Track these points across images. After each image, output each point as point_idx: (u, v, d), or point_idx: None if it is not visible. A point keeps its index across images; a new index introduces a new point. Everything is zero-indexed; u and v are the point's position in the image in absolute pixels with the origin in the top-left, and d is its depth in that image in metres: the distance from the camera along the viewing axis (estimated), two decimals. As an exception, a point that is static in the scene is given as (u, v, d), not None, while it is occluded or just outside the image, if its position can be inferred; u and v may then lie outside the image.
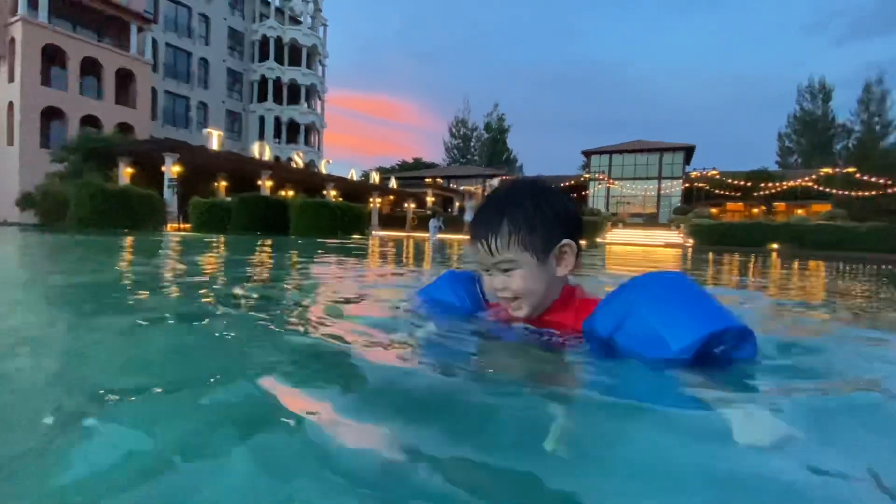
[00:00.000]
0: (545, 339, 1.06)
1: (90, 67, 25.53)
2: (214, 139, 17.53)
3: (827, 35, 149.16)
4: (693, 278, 0.99)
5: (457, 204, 36.86)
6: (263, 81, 36.95)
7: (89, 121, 25.09)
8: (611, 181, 36.23)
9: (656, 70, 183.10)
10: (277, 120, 37.29)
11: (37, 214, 16.66)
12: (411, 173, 42.23)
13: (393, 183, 29.17)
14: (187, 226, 14.71)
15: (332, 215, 10.68)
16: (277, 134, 37.82)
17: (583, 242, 1.14)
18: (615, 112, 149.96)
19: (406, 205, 30.71)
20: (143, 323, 1.22)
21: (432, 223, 15.97)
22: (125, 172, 17.54)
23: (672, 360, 0.84)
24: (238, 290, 1.89)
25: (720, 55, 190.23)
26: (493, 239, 1.06)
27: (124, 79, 27.03)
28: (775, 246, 20.59)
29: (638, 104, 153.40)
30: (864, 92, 42.39)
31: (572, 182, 37.81)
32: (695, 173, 34.89)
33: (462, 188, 38.79)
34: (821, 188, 29.00)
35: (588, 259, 5.99)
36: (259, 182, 19.71)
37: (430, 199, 32.04)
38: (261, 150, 19.59)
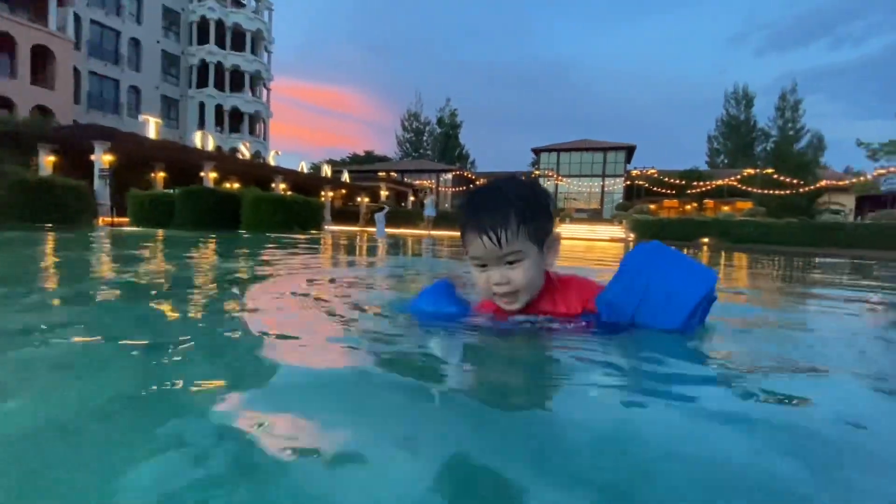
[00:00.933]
0: (547, 325, 1.10)
1: (2, 43, 22.91)
2: (151, 126, 16.36)
3: (749, 46, 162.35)
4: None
5: (411, 199, 36.76)
6: (203, 66, 34.80)
7: (0, 102, 22.56)
8: (559, 178, 37.58)
9: (599, 71, 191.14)
10: (219, 108, 35.30)
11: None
12: (364, 167, 41.57)
13: (345, 176, 28.56)
14: (123, 220, 13.68)
15: (287, 210, 10.32)
16: (219, 123, 35.83)
17: None
18: (562, 111, 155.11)
19: (359, 199, 30.21)
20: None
21: (378, 217, 15.91)
22: (46, 161, 15.98)
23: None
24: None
25: (657, 60, 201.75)
26: (502, 231, 1.05)
27: (42, 57, 24.47)
28: (706, 240, 22.32)
29: (583, 104, 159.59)
30: (780, 100, 46.78)
31: (522, 178, 38.79)
32: (635, 171, 36.95)
33: (416, 182, 38.71)
34: (744, 187, 31.70)
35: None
36: (202, 174, 18.64)
37: (384, 194, 31.71)
38: (203, 140, 18.51)
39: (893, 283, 3.83)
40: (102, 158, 14.94)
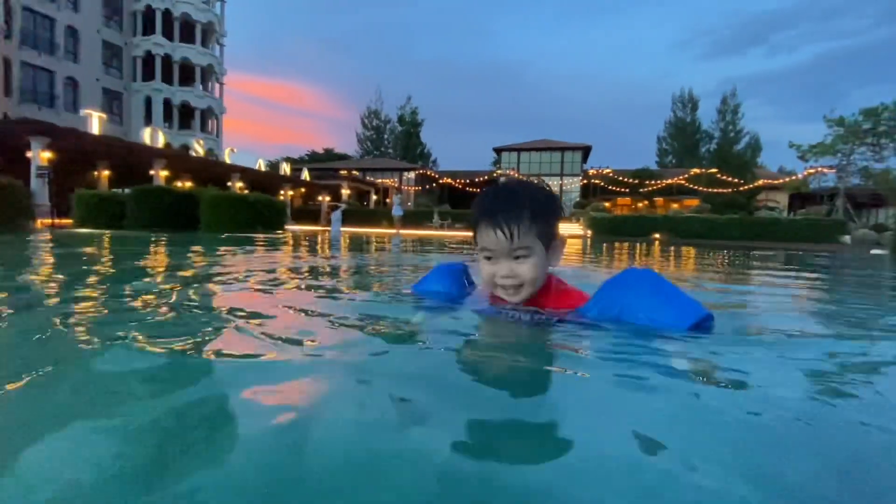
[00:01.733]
0: (535, 317, 1.20)
1: (-87, 27, 20.80)
2: (95, 122, 15.39)
3: (693, 52, 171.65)
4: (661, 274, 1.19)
5: (373, 197, 36.43)
6: (149, 58, 32.96)
7: (-85, 93, 20.50)
8: (520, 177, 38.39)
9: (556, 73, 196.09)
10: (168, 102, 33.57)
11: None
12: (325, 164, 40.74)
13: (305, 175, 27.93)
14: (65, 221, 12.82)
15: (250, 209, 10.00)
16: (168, 118, 34.09)
17: None
18: (522, 111, 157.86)
19: (320, 197, 29.64)
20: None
21: (335, 216, 15.75)
22: (-26, 158, 14.72)
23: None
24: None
25: (610, 63, 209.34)
26: (515, 226, 1.14)
27: (-36, 44, 22.43)
28: (657, 236, 23.55)
29: (541, 104, 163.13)
30: (722, 103, 49.90)
31: (486, 177, 39.36)
32: (592, 171, 38.31)
33: (378, 181, 38.39)
34: (691, 186, 33.62)
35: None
36: (152, 172, 17.71)
37: (345, 192, 31.25)
38: (153, 136, 17.59)
39: (821, 270, 4.31)
40: (40, 156, 13.92)
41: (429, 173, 42.91)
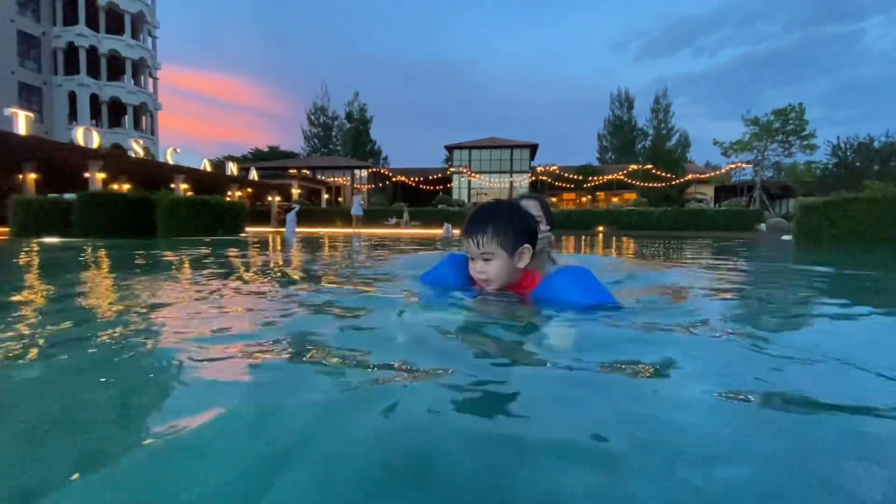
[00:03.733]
0: (506, 299, 1.58)
1: None
2: (21, 121, 14.25)
3: (629, 53, 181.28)
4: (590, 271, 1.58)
5: (325, 196, 35.86)
6: (72, 50, 30.45)
7: None
8: (472, 174, 39.22)
9: (502, 72, 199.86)
10: (95, 98, 31.20)
11: None
12: (272, 163, 39.49)
13: (253, 174, 27.10)
14: (1, 230, 11.87)
15: (210, 212, 9.79)
16: (96, 115, 31.70)
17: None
18: (471, 108, 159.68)
19: (270, 198, 28.85)
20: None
21: (290, 217, 15.60)
22: None
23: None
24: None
25: (553, 62, 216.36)
26: (480, 238, 1.55)
27: None
28: (601, 228, 25.15)
29: (489, 102, 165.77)
30: (655, 102, 53.53)
31: (439, 175, 39.84)
32: (539, 168, 39.88)
33: (329, 180, 37.80)
34: (629, 180, 35.96)
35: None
36: (87, 175, 16.60)
37: (295, 192, 30.59)
38: (86, 136, 16.48)
39: (741, 255, 5.15)
40: (-41, 159, 12.73)
41: (382, 171, 42.77)
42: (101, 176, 17.30)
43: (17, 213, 9.76)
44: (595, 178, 37.11)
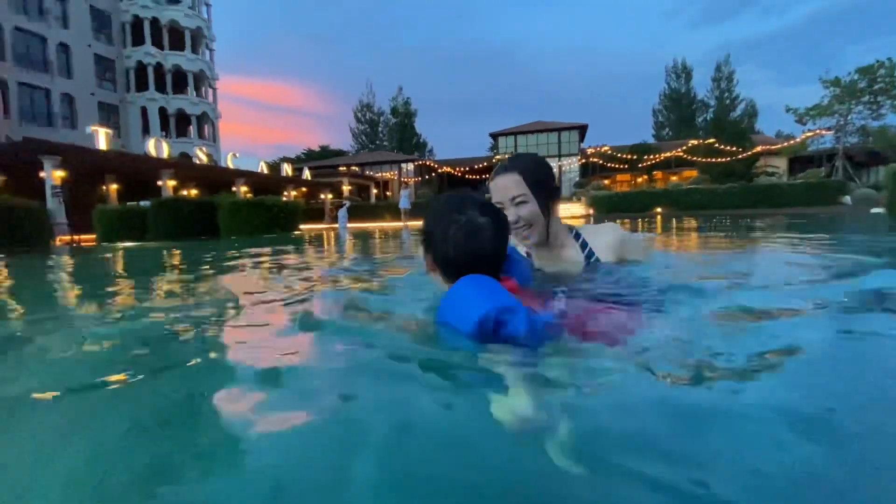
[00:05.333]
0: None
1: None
2: (102, 137, 15.67)
3: (683, 20, 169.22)
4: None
5: (374, 191, 36.68)
6: (142, 68, 33.02)
7: (-82, 121, 20.74)
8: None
9: (545, 51, 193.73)
10: (163, 111, 33.71)
11: None
12: (323, 162, 40.94)
13: (307, 174, 28.21)
14: (85, 237, 13.19)
15: (267, 213, 10.37)
16: (165, 127, 34.24)
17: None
18: (514, 93, 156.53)
19: (322, 196, 29.94)
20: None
21: (341, 213, 16.02)
22: (-11, 182, 15.07)
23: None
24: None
25: (600, 37, 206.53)
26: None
27: (-40, 69, 22.60)
28: (659, 209, 23.83)
29: (534, 85, 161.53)
30: (716, 71, 49.60)
31: (485, 164, 39.50)
32: (590, 150, 38.40)
33: (377, 175, 38.60)
34: (689, 157, 33.74)
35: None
36: (159, 183, 18.04)
37: (346, 188, 31.52)
38: (157, 147, 17.87)
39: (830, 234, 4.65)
40: (54, 175, 14.25)
41: (428, 163, 43.04)
42: (171, 183, 18.73)
43: (101, 222, 10.80)
44: (651, 156, 35.17)
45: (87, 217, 13.21)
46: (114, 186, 18.15)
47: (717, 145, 31.88)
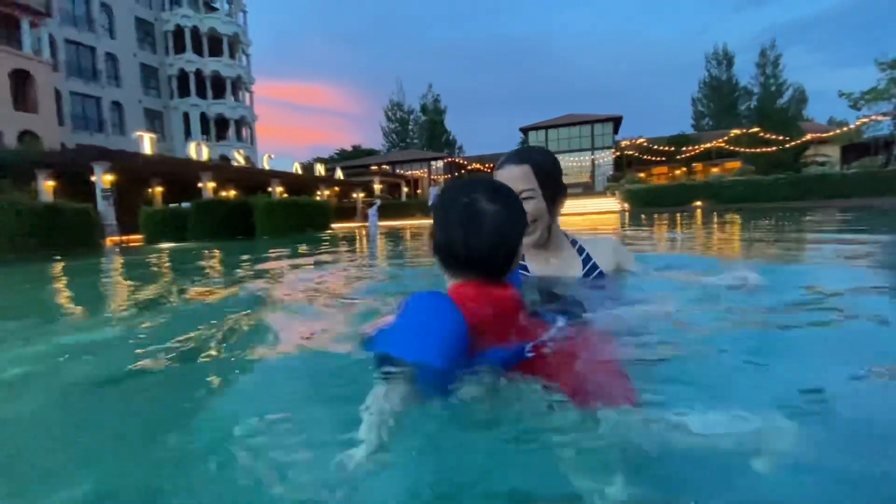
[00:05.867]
0: None
1: (-22, 71, 22.66)
2: (146, 142, 16.45)
3: (724, 4, 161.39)
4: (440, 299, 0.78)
5: (404, 189, 36.94)
6: (183, 75, 34.47)
7: (-14, 131, 22.38)
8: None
9: (576, 42, 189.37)
10: (204, 116, 35.10)
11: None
12: (355, 162, 41.59)
13: (339, 174, 28.73)
14: (132, 238, 13.90)
15: (300, 212, 10.64)
16: (205, 131, 35.64)
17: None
18: (545, 87, 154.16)
19: (354, 195, 30.41)
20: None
21: (371, 212, 16.16)
22: (46, 186, 16.08)
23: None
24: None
25: (634, 26, 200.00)
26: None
27: (21, 81, 24.21)
28: (699, 203, 22.84)
29: (566, 78, 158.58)
30: (760, 56, 46.98)
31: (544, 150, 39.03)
32: (624, 142, 37.27)
33: (408, 173, 38.86)
34: (731, 147, 32.18)
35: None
36: (200, 185, 18.78)
37: (377, 187, 31.88)
38: (198, 151, 18.61)
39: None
40: (104, 179, 15.08)
41: (457, 160, 42.97)
42: (211, 185, 19.46)
43: (146, 223, 11.37)
44: (690, 147, 33.77)
45: (133, 218, 13.93)
46: (158, 189, 19.05)
47: (761, 134, 30.26)
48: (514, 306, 0.81)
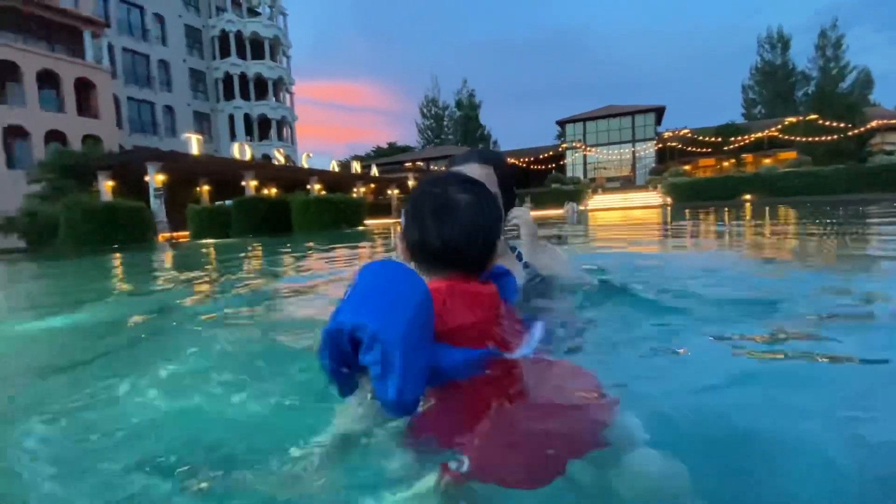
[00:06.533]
0: None
1: (47, 80, 24.53)
2: (194, 143, 17.30)
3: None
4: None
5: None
6: (228, 78, 35.97)
7: (54, 136, 24.22)
8: (587, 149, 36.87)
9: (617, 32, 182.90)
10: (247, 117, 36.51)
11: (21, 238, 16.33)
12: (390, 159, 42.11)
13: (374, 171, 29.19)
14: (181, 234, 14.70)
15: (334, 209, 10.93)
16: (249, 131, 37.06)
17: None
18: (584, 78, 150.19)
19: (389, 192, 30.82)
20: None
21: (405, 211, 16.26)
22: (106, 186, 17.23)
23: None
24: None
25: (677, 11, 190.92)
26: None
27: (84, 89, 26.04)
28: (748, 196, 21.61)
29: (605, 68, 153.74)
30: (820, 38, 43.64)
31: (550, 153, 38.33)
32: (667, 133, 35.76)
33: (441, 169, 38.90)
34: (785, 137, 30.18)
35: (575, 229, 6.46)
36: (243, 183, 19.58)
37: (411, 184, 32.14)
38: (241, 151, 19.39)
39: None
40: (156, 179, 16.01)
41: (492, 156, 42.50)
42: (253, 183, 20.26)
43: (193, 220, 12.02)
44: (739, 138, 31.94)
45: (181, 215, 14.74)
46: (205, 187, 20.02)
47: (820, 122, 28.19)
48: (493, 304, 0.75)
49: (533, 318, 0.81)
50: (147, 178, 16.65)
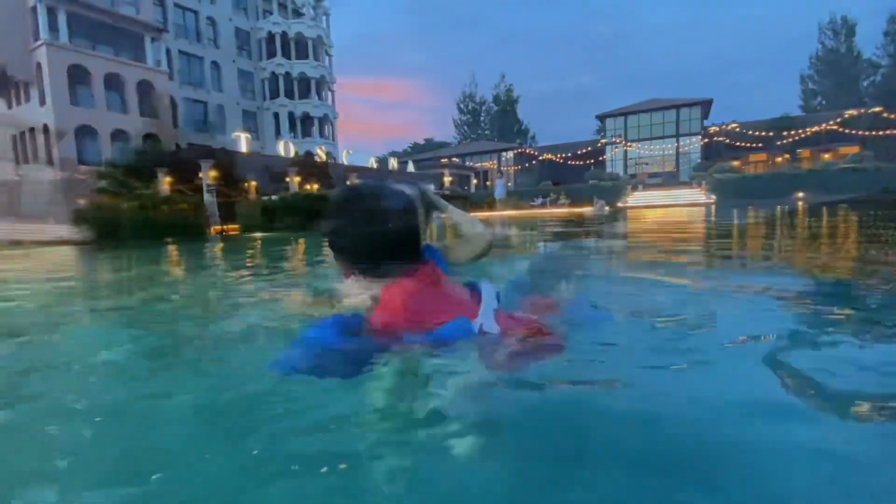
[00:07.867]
0: None
1: (112, 83, 26.50)
2: (243, 141, 18.30)
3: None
4: None
5: (474, 181, 37.16)
6: (274, 78, 37.45)
7: (118, 135, 26.19)
8: (628, 143, 35.90)
9: (661, 22, 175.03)
10: (291, 115, 37.91)
11: (90, 230, 17.75)
12: (426, 154, 42.55)
13: (411, 167, 29.73)
14: (231, 227, 15.66)
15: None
16: (293, 129, 38.49)
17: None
18: (626, 71, 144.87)
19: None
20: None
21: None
22: (165, 182, 18.51)
23: None
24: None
25: (728, 2, 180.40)
26: None
27: (145, 90, 27.95)
28: (801, 195, 20.47)
29: (648, 60, 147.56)
30: (889, 23, 40.38)
31: (589, 148, 37.58)
32: (714, 128, 34.25)
33: (477, 165, 38.98)
34: (847, 130, 28.26)
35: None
36: (287, 179, 20.52)
37: (447, 180, 32.44)
38: (285, 148, 20.32)
39: None
40: (209, 175, 17.08)
41: (527, 151, 42.24)
42: (297, 179, 21.17)
43: (241, 215, 12.85)
44: (794, 132, 30.19)
45: (231, 210, 15.72)
46: (253, 183, 21.11)
47: (885, 114, 26.25)
48: (433, 281, 1.06)
49: (476, 281, 1.17)
50: (201, 175, 17.76)
